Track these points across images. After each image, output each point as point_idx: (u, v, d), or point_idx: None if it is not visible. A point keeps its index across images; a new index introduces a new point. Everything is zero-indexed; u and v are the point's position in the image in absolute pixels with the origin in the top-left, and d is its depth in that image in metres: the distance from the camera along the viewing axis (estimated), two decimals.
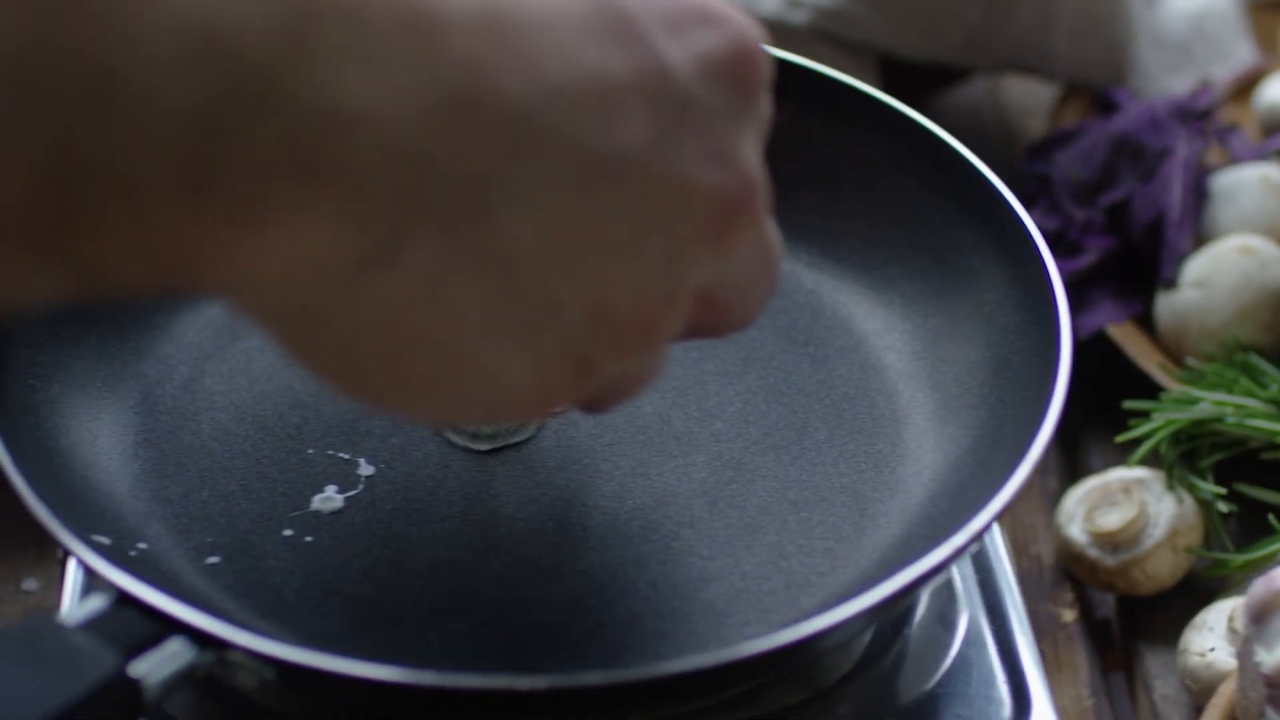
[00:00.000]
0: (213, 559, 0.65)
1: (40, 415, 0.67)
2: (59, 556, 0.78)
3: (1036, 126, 1.02)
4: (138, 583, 0.57)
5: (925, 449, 0.69)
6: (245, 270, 0.47)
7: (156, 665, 0.55)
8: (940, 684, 0.66)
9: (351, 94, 0.45)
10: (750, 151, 0.53)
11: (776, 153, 0.77)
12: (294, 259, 0.47)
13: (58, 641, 0.55)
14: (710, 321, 0.56)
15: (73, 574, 0.69)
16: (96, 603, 0.57)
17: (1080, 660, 0.77)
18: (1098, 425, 0.85)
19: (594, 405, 0.58)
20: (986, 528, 0.61)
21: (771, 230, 0.56)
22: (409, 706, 0.60)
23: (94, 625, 0.56)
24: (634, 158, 0.50)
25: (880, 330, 0.74)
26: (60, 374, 0.69)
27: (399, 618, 0.63)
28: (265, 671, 0.57)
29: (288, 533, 0.66)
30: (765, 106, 0.55)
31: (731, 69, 0.52)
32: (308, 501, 0.67)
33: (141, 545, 0.64)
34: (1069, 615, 0.79)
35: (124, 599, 0.57)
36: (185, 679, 0.56)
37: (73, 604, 0.68)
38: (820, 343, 0.73)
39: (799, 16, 0.91)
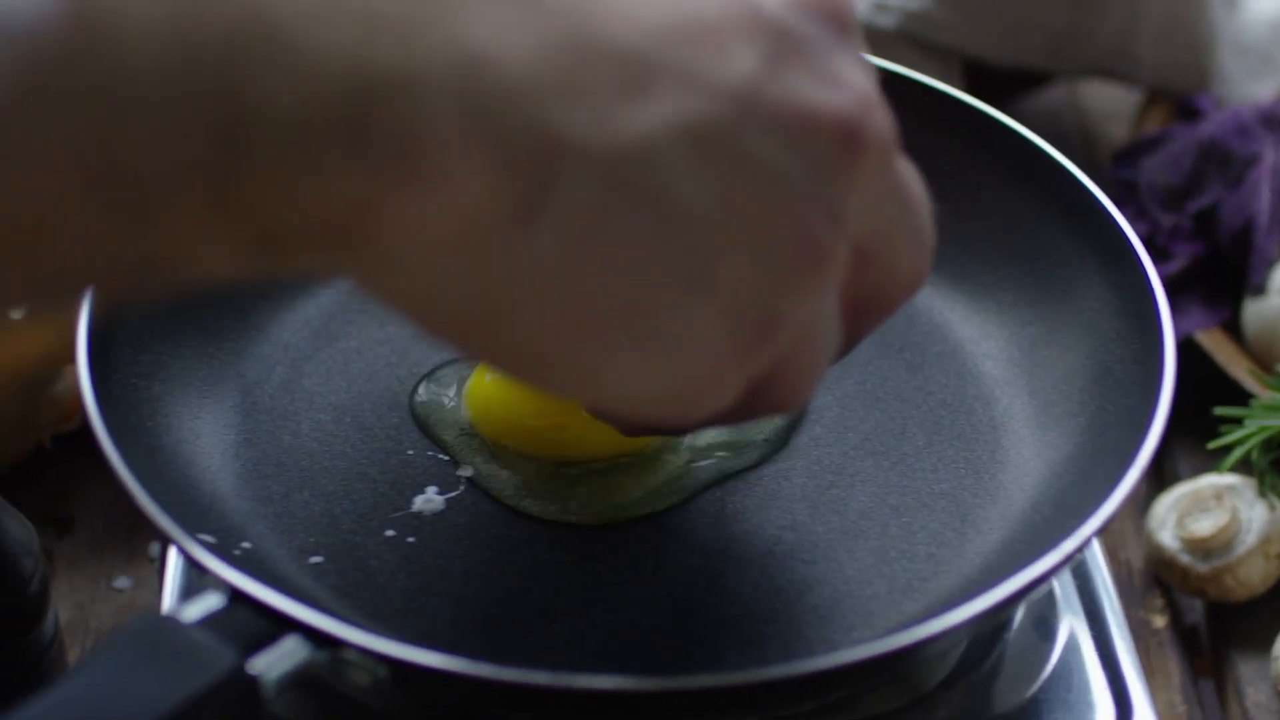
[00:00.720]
0: (316, 559, 0.65)
1: (143, 414, 0.67)
2: (150, 555, 0.78)
3: (1116, 132, 1.02)
4: (253, 582, 0.57)
5: (1025, 455, 0.69)
6: (406, 234, 0.47)
7: (273, 663, 0.55)
8: (1041, 690, 0.66)
9: (476, 43, 0.46)
10: (859, 75, 0.53)
11: None
12: (453, 216, 0.47)
13: (176, 639, 0.55)
14: (874, 280, 0.55)
15: (173, 572, 0.69)
16: (211, 600, 0.57)
17: (1171, 666, 0.77)
18: (1185, 431, 0.85)
19: (777, 387, 0.55)
20: (1097, 533, 0.61)
21: (908, 169, 0.56)
22: (519, 707, 0.60)
23: (210, 623, 0.56)
24: (751, 85, 0.50)
25: (976, 337, 0.74)
26: (161, 373, 0.69)
27: (502, 619, 0.64)
28: (379, 671, 0.57)
29: (390, 533, 0.66)
30: (860, 40, 0.55)
31: (818, 4, 0.52)
32: (409, 502, 0.67)
33: (245, 544, 0.64)
34: (1159, 621, 0.78)
35: (238, 597, 0.57)
36: (300, 677, 0.56)
37: (173, 601, 0.68)
38: (916, 349, 0.73)
39: (886, 20, 0.91)
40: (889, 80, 0.76)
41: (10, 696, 0.68)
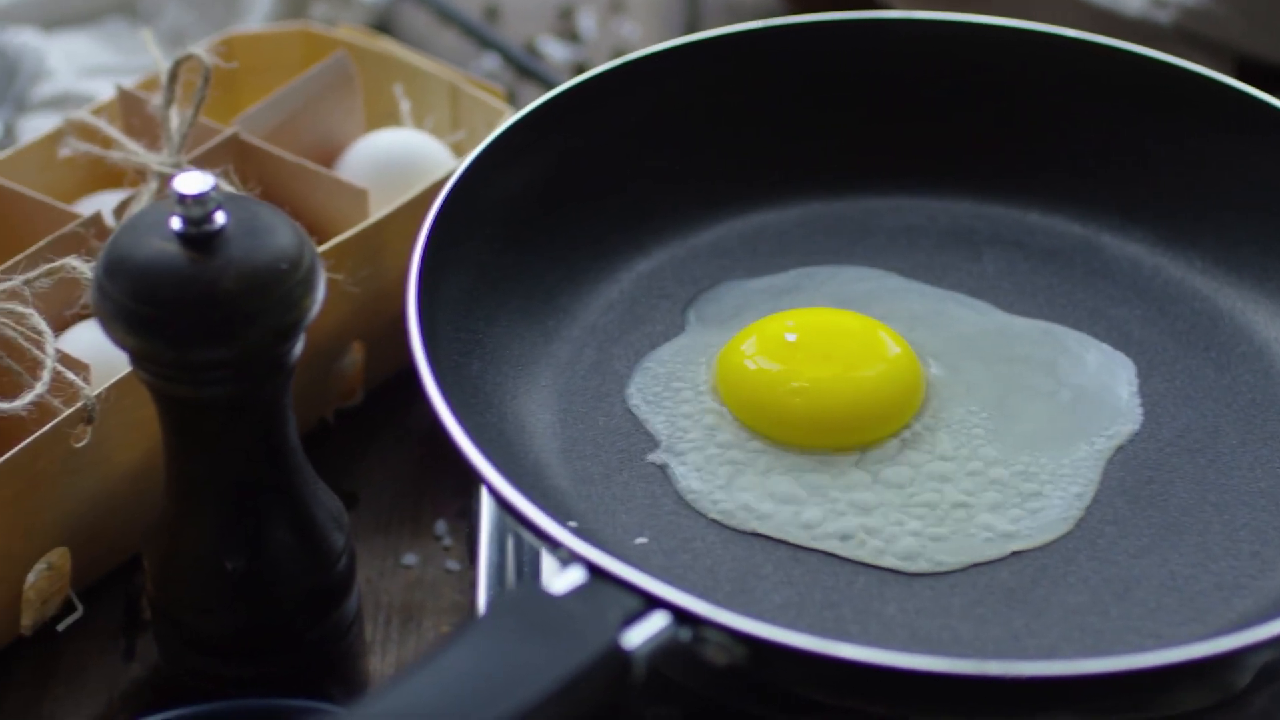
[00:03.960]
0: (641, 539, 0.66)
1: (465, 391, 0.68)
2: (435, 533, 0.79)
3: None
4: (616, 561, 0.57)
5: None
6: None
7: (643, 639, 0.56)
8: None
9: None
10: None
11: (1166, 162, 0.77)
12: None
13: (552, 612, 0.55)
14: None
15: (486, 550, 0.70)
16: (574, 575, 0.57)
17: None
18: None
19: None
20: None
21: None
22: (863, 693, 0.60)
23: (579, 598, 0.56)
24: None
25: None
26: (477, 351, 0.70)
27: (832, 604, 0.64)
28: (737, 651, 0.57)
29: (714, 516, 0.67)
30: None
31: None
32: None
33: (572, 523, 0.65)
34: None
35: (599, 574, 0.57)
36: (664, 655, 0.57)
37: (487, 579, 0.69)
38: (1221, 349, 0.73)
39: (1163, 16, 0.91)
40: (1185, 79, 0.77)
41: (316, 672, 0.69)
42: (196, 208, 0.61)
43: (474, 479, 0.63)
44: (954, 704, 0.59)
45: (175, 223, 0.61)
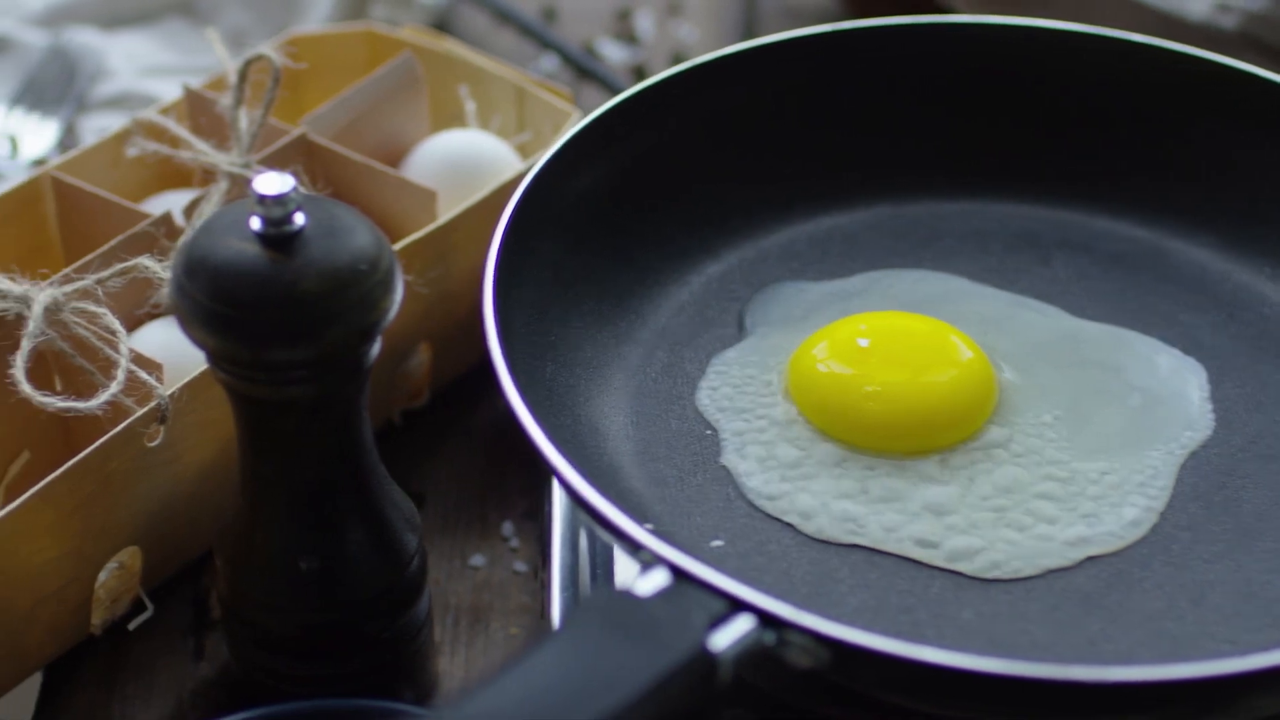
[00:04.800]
0: (716, 541, 0.66)
1: (539, 394, 0.68)
2: (503, 534, 0.79)
3: None
4: (701, 564, 0.58)
5: None
6: None
7: (729, 642, 0.56)
8: None
9: None
10: None
11: (1232, 167, 0.77)
12: None
13: (639, 615, 0.55)
14: None
15: (559, 552, 0.70)
16: (658, 578, 0.58)
17: None
18: None
19: None
20: None
21: None
22: (943, 696, 0.60)
23: (664, 600, 0.57)
24: None
25: None
26: (550, 354, 0.71)
27: (908, 608, 0.64)
28: (820, 654, 0.57)
29: (788, 519, 0.67)
30: None
31: None
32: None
33: (648, 525, 0.65)
34: None
35: (683, 576, 0.57)
36: (748, 658, 0.57)
37: (563, 580, 0.69)
38: None
39: (1228, 21, 0.91)
40: (1251, 83, 0.77)
41: (387, 672, 0.70)
42: (277, 208, 0.61)
43: (550, 481, 0.63)
44: (1032, 708, 0.59)
45: (255, 223, 0.61)
